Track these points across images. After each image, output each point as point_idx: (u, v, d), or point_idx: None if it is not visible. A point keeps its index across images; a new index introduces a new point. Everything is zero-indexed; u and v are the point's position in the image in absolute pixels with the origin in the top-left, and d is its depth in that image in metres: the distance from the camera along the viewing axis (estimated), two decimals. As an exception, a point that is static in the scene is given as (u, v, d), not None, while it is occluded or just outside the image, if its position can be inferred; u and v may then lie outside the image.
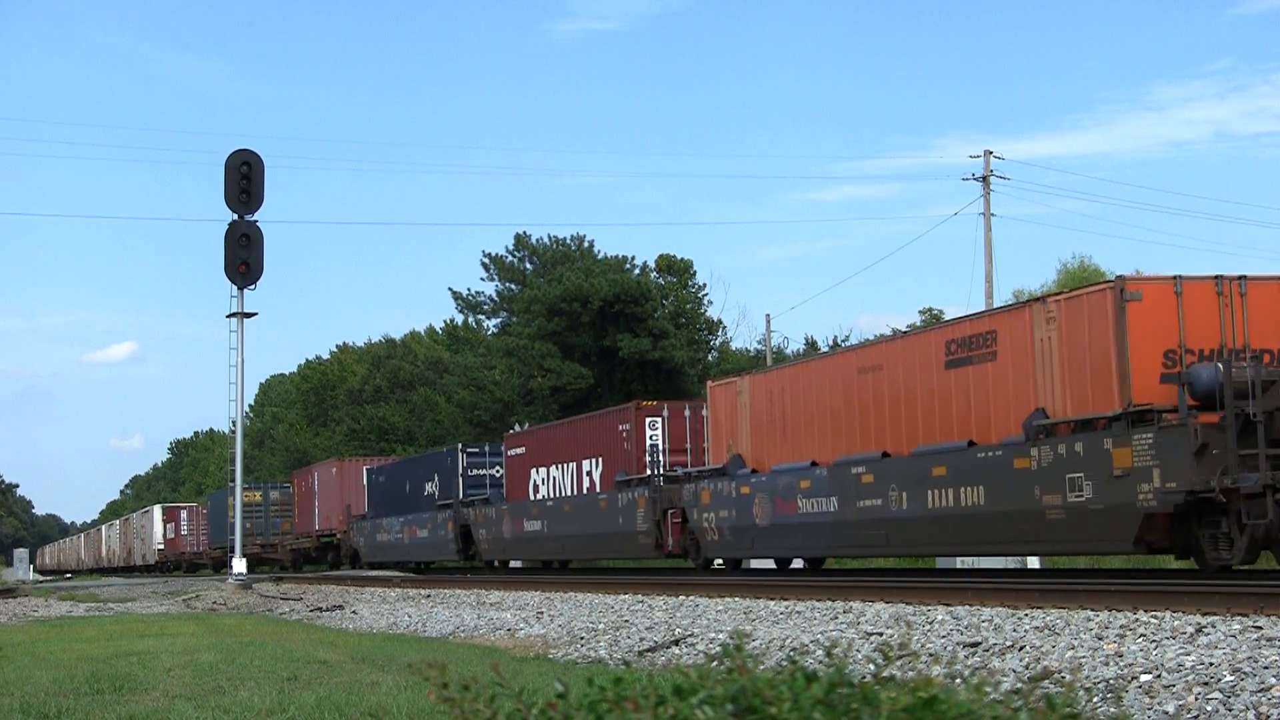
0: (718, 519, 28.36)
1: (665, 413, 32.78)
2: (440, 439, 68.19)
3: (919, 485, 22.11)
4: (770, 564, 31.56)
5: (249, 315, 36.81)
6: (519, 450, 39.94)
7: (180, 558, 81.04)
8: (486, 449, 43.55)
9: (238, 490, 39.32)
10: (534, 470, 38.33)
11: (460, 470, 42.56)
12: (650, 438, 32.59)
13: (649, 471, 32.08)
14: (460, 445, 44.28)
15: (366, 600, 27.68)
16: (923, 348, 22.86)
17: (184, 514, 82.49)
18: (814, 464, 25.30)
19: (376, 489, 51.97)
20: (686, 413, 32.67)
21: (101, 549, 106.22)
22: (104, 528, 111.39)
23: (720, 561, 30.49)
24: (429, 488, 45.15)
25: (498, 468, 41.80)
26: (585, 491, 35.03)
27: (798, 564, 30.88)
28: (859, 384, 24.31)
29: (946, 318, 58.40)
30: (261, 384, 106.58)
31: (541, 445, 38.39)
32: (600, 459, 34.52)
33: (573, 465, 35.99)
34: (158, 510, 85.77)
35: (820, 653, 11.60)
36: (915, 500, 22.15)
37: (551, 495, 36.91)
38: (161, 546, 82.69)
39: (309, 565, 63.71)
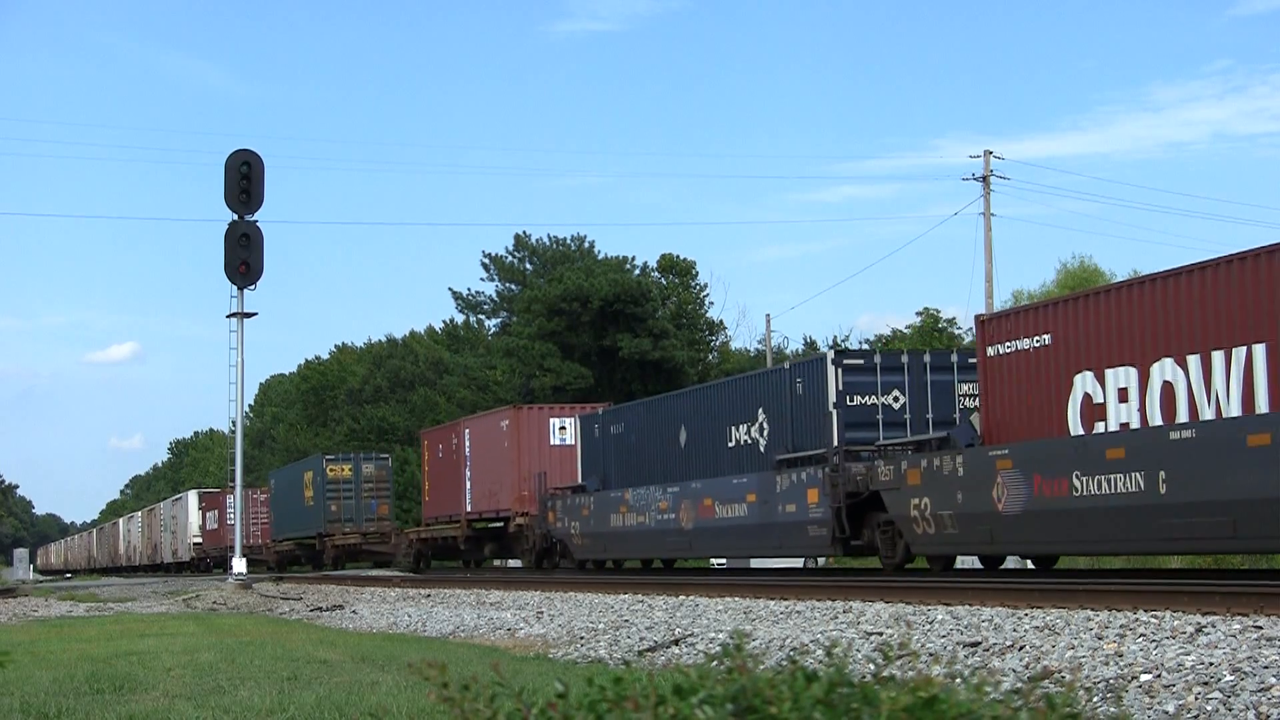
0: None
1: None
2: (440, 439, 68.14)
3: None
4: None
5: (249, 315, 36.80)
6: (1027, 343, 20.98)
7: (225, 553, 63.07)
8: (877, 359, 25.69)
9: (238, 491, 39.30)
10: (1085, 377, 19.85)
11: (832, 397, 24.80)
12: None
13: None
14: (830, 353, 25.86)
15: (366, 600, 27.69)
16: None
17: (229, 500, 64.60)
18: None
19: (604, 446, 34.29)
20: None
21: (119, 545, 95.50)
22: (122, 521, 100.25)
23: None
24: (741, 434, 27.97)
25: (896, 392, 25.18)
26: None
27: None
28: None
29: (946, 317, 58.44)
30: (261, 384, 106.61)
31: (1107, 325, 19.64)
32: None
33: (1245, 352, 17.58)
34: (193, 497, 71.79)
35: (820, 652, 11.60)
36: None
37: (1176, 420, 18.32)
38: (199, 540, 69.10)
39: (441, 560, 47.95)
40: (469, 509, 42.22)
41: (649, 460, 31.82)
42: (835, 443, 24.14)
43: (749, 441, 27.69)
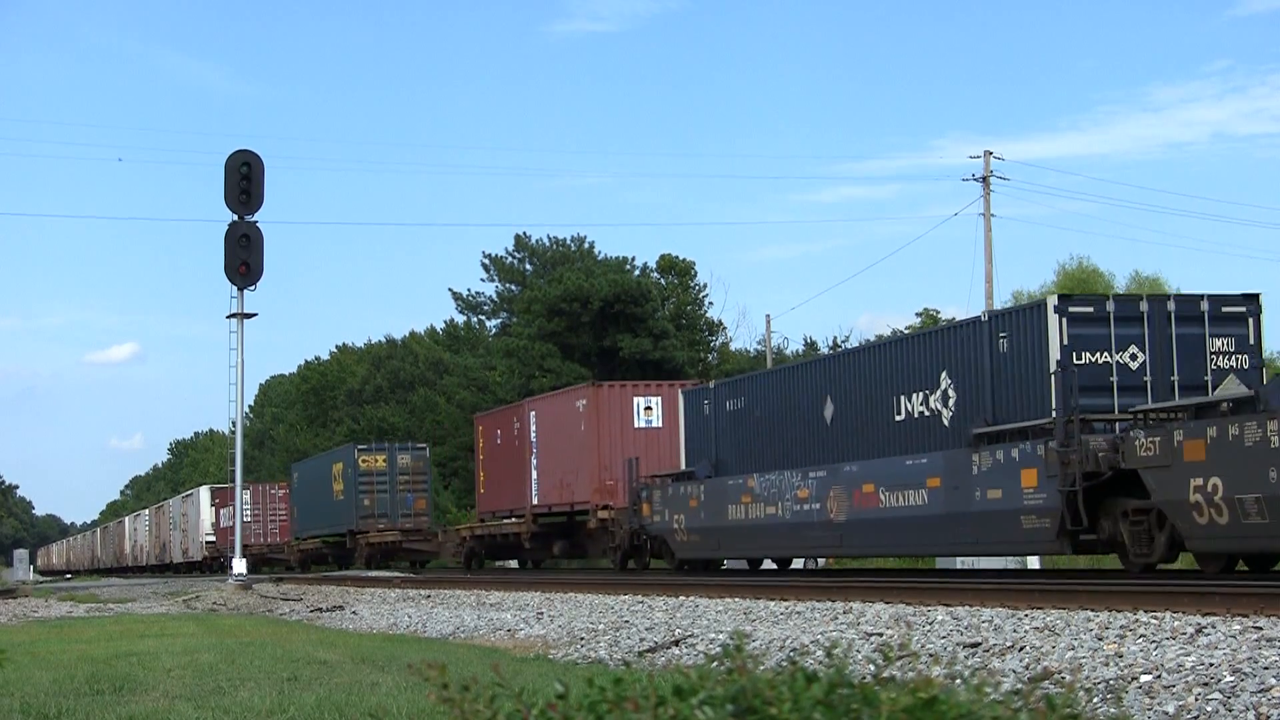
0: None
1: None
2: (440, 439, 68.17)
3: None
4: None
5: (249, 316, 36.80)
6: None
7: (242, 553, 64.85)
8: (1110, 307, 20.59)
9: (238, 492, 39.33)
10: None
11: (1054, 353, 19.97)
12: None
13: None
14: (1051, 299, 20.62)
15: (366, 601, 27.67)
16: None
17: (246, 495, 60.16)
18: None
19: (717, 425, 29.09)
20: None
21: (124, 545, 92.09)
22: (129, 519, 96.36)
23: None
24: (915, 405, 22.80)
25: (1134, 348, 20.38)
26: None
27: None
28: None
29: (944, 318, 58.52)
30: (261, 384, 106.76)
31: None
32: None
33: None
34: (205, 493, 67.05)
35: (820, 653, 11.60)
36: None
37: None
38: (213, 538, 65.16)
39: (496, 560, 44.29)
40: (535, 502, 37.46)
41: (781, 440, 26.50)
42: (1062, 410, 19.19)
43: (927, 413, 22.53)
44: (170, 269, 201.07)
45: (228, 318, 36.78)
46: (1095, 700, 8.61)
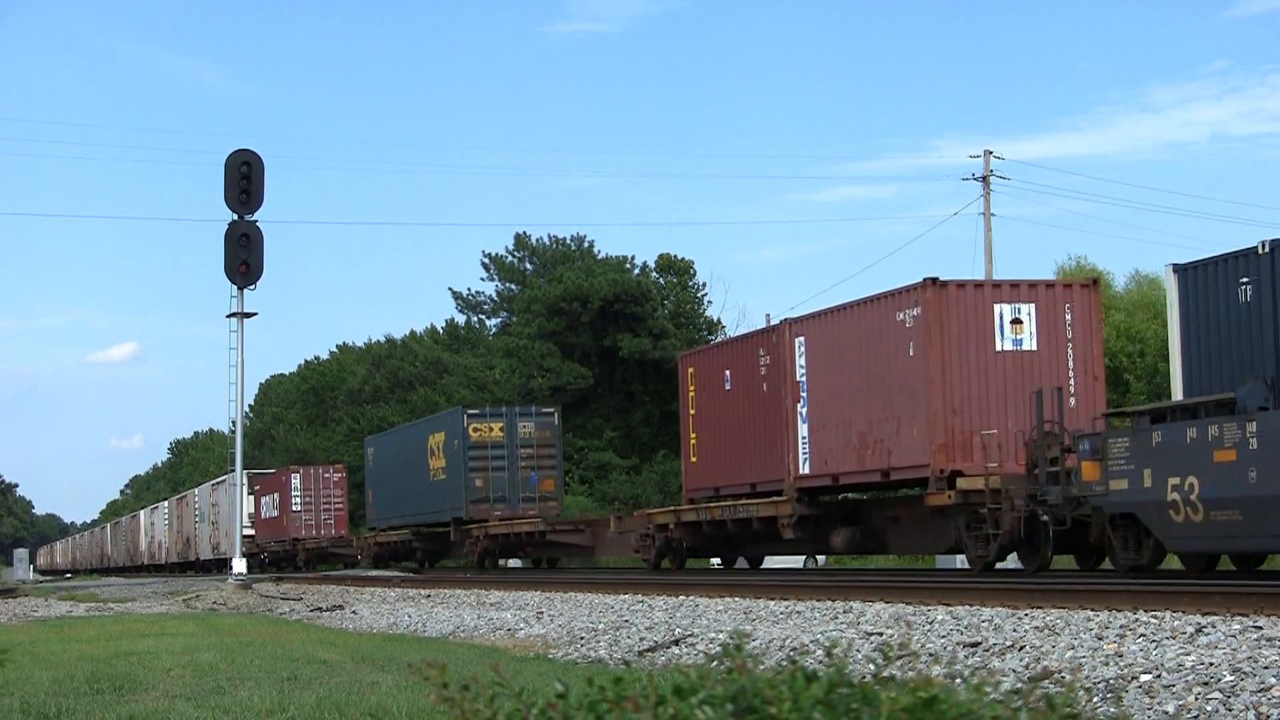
0: None
1: None
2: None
3: None
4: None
5: (249, 315, 36.78)
6: None
7: (291, 548, 52.80)
8: None
9: (238, 492, 39.32)
10: None
11: None
12: None
13: None
14: None
15: (366, 600, 27.67)
16: None
17: (294, 480, 52.87)
18: None
19: (1274, 318, 17.39)
20: None
21: (139, 541, 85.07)
22: (144, 513, 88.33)
23: None
24: None
25: None
26: None
27: None
28: None
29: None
30: (261, 384, 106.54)
31: None
32: None
33: None
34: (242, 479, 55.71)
35: (820, 653, 11.60)
36: None
37: None
38: (251, 532, 53.50)
39: (705, 554, 33.52)
40: (805, 471, 26.16)
41: None
42: None
43: None
44: (170, 269, 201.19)
45: (228, 317, 36.77)
46: (1095, 700, 8.61)
